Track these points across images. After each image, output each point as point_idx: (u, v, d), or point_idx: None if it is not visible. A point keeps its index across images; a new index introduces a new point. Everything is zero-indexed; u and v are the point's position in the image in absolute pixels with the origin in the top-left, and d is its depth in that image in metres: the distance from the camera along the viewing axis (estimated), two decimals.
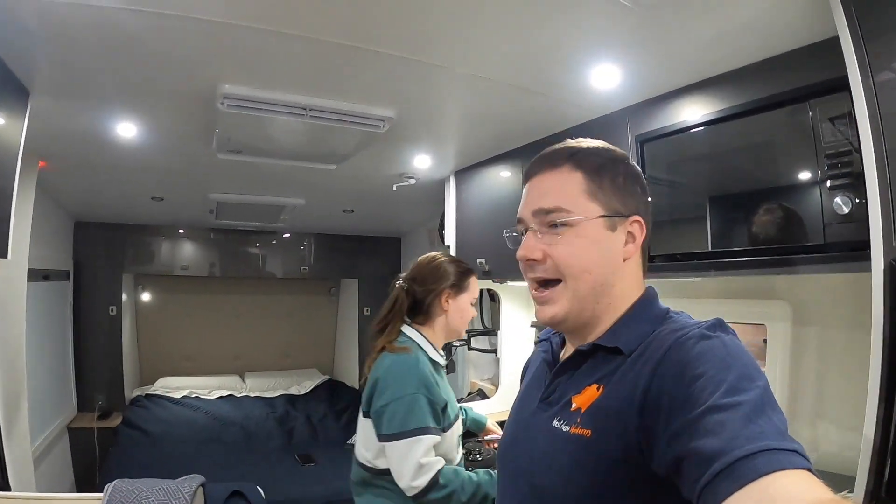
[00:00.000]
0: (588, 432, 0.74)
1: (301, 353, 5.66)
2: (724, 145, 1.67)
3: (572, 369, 0.85)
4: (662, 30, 1.46)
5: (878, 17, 1.14)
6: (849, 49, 1.17)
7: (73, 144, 2.49)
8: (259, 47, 1.59)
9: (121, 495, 1.76)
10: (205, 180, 3.27)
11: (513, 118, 2.17)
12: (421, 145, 2.65)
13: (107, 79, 1.80)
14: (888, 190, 1.09)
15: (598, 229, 0.82)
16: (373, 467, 1.59)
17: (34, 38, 1.51)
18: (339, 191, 3.62)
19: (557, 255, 0.82)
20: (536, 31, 1.50)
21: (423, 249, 4.63)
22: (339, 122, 2.05)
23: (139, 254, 4.52)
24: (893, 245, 1.07)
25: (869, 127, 1.12)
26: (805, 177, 1.42)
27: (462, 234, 3.10)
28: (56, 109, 2.02)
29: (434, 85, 1.87)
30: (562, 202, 0.82)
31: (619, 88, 1.79)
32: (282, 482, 3.00)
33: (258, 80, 1.81)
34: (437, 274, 1.73)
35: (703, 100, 1.70)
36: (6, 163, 1.75)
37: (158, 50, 1.59)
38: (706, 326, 0.71)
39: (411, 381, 1.56)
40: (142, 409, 4.11)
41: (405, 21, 1.46)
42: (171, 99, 2.00)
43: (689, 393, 0.63)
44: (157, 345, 5.02)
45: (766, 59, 1.53)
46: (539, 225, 0.84)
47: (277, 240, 5.05)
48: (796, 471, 0.53)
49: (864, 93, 1.14)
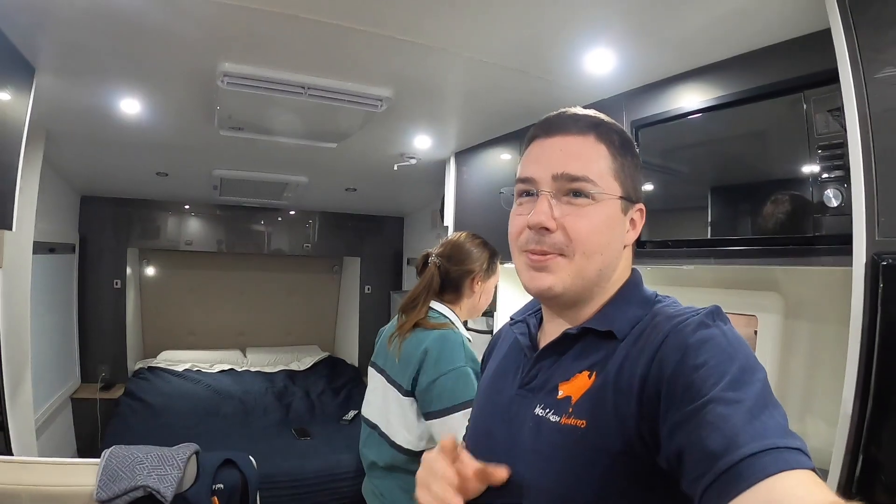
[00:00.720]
0: (583, 423, 0.70)
1: (302, 330, 5.71)
2: (719, 133, 1.68)
3: (557, 353, 0.80)
4: (655, 15, 1.46)
5: (871, 11, 1.13)
6: (840, 41, 1.17)
7: (78, 120, 2.51)
8: (258, 27, 1.59)
9: (117, 460, 1.80)
10: (208, 156, 3.29)
11: (511, 100, 2.19)
12: (420, 125, 2.67)
13: (110, 56, 1.82)
14: (873, 183, 1.09)
15: (616, 210, 0.77)
16: (413, 450, 1.56)
17: (39, 17, 1.54)
18: (341, 169, 3.65)
19: (576, 229, 0.75)
20: (532, 14, 1.50)
21: (426, 231, 4.67)
22: (337, 102, 2.06)
23: (145, 229, 4.56)
24: (876, 239, 1.08)
25: (857, 120, 1.13)
26: (798, 168, 1.42)
27: (461, 215, 3.14)
28: (61, 85, 2.05)
29: (432, 66, 1.87)
30: (590, 172, 0.75)
31: (615, 73, 1.80)
32: (278, 455, 3.05)
33: (257, 59, 1.83)
34: (472, 256, 1.76)
35: (698, 87, 1.70)
36: (12, 138, 1.79)
37: (160, 29, 1.60)
38: (705, 314, 0.68)
39: (459, 355, 1.55)
40: (144, 381, 4.17)
41: (403, 3, 1.46)
42: (172, 76, 2.01)
43: (689, 382, 0.61)
44: (160, 319, 5.08)
45: (762, 47, 1.54)
46: (558, 191, 0.76)
47: (283, 217, 5.08)
48: (801, 471, 0.52)
49: (853, 86, 1.14)
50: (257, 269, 5.51)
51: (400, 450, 1.58)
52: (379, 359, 1.76)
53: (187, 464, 1.86)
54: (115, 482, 1.75)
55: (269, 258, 5.39)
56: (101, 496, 1.74)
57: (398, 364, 1.63)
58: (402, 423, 1.59)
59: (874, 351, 1.03)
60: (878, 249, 1.06)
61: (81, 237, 4.17)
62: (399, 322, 1.70)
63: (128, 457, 1.82)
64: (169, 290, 5.16)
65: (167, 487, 1.76)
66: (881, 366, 1.02)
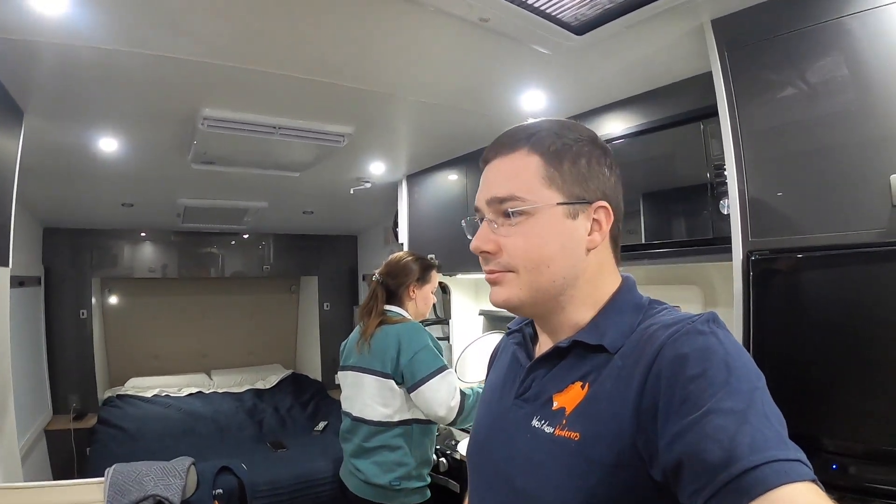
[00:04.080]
0: (577, 435, 0.69)
1: (264, 350, 5.81)
2: (638, 155, 2.00)
3: (550, 364, 0.80)
4: (576, 66, 1.79)
5: (745, 56, 1.44)
6: (719, 81, 1.49)
7: (52, 155, 2.59)
8: (235, 79, 1.82)
9: (122, 476, 1.97)
10: (175, 186, 3.43)
11: (455, 132, 2.53)
12: (376, 154, 2.96)
13: (97, 103, 1.99)
14: (745, 194, 1.41)
15: (557, 218, 0.76)
16: (390, 421, 1.95)
17: (33, 66, 1.68)
18: (300, 194, 3.87)
19: (511, 248, 0.76)
20: (472, 67, 1.82)
21: (379, 246, 4.89)
22: (304, 139, 2.32)
23: (106, 258, 4.59)
24: (749, 239, 1.40)
25: (731, 144, 1.45)
26: (700, 182, 1.75)
27: (414, 232, 3.45)
28: (45, 126, 2.16)
29: (387, 108, 2.19)
30: (516, 189, 0.76)
31: (547, 108, 2.13)
32: (257, 466, 3.19)
33: (235, 104, 2.05)
34: (405, 270, 2.14)
35: (618, 117, 2.05)
36: (5, 179, 1.90)
37: (148, 80, 1.80)
38: (700, 321, 0.67)
39: (424, 336, 2.00)
40: (115, 408, 4.21)
41: (359, 60, 1.74)
42: (154, 118, 2.19)
43: (687, 393, 0.60)
44: (125, 346, 5.10)
45: (668, 84, 1.88)
46: (494, 214, 0.78)
47: (236, 240, 5.18)
48: (802, 483, 0.52)
49: (728, 117, 1.46)
50: (216, 292, 5.59)
51: (379, 425, 1.96)
52: (349, 360, 2.12)
53: (188, 473, 2.04)
54: (123, 495, 1.91)
55: (227, 281, 5.47)
56: None
57: (370, 356, 2.01)
58: (381, 402, 1.97)
59: (751, 324, 1.34)
60: (751, 248, 1.38)
61: (46, 269, 4.19)
62: (363, 327, 2.08)
63: (132, 472, 1.99)
64: (131, 317, 5.18)
65: (174, 495, 1.94)
66: (756, 336, 1.34)
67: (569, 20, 1.48)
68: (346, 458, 2.06)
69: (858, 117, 1.23)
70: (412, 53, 1.70)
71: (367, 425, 1.97)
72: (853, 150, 1.23)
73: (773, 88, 1.38)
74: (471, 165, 2.84)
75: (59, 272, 4.29)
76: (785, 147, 1.36)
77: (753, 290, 1.35)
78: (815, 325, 1.28)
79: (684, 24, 1.53)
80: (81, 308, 4.37)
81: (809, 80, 1.32)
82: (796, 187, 1.34)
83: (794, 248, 1.31)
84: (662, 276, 2.19)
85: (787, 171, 1.36)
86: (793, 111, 1.35)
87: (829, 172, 1.27)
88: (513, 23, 1.45)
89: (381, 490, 1.92)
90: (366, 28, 1.52)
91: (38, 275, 4.05)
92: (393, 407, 1.96)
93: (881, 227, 1.17)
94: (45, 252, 4.21)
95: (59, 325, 4.24)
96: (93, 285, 4.51)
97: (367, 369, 2.01)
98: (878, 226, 1.17)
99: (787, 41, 1.35)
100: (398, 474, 1.91)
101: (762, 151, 1.40)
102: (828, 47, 1.28)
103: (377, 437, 1.96)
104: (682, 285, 2.11)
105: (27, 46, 1.53)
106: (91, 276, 4.50)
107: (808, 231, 1.29)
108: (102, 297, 4.96)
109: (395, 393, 1.96)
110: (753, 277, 1.36)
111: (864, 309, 1.20)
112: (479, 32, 1.51)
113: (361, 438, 1.98)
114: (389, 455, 1.93)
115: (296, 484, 3.19)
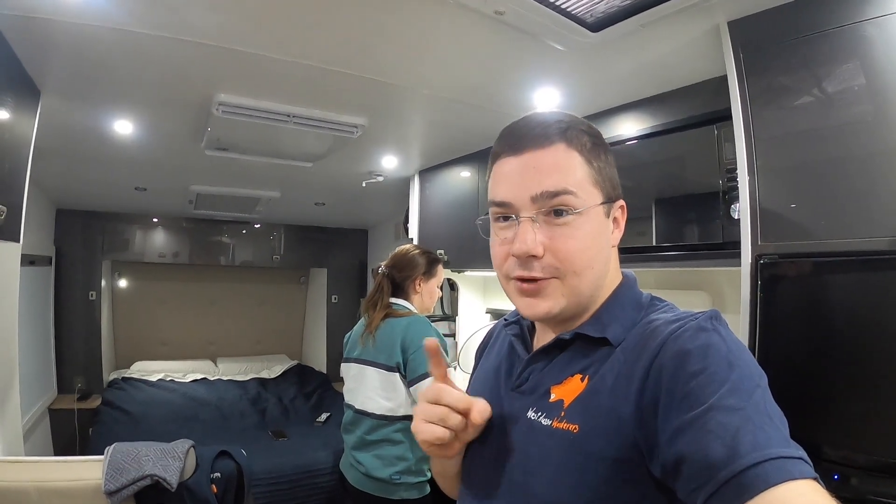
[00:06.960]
0: (575, 428, 0.68)
1: (271, 340, 5.84)
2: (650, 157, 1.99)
3: (549, 357, 0.78)
4: (590, 64, 1.77)
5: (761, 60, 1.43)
6: (734, 84, 1.47)
7: (67, 137, 2.61)
8: (251, 65, 1.82)
9: (121, 455, 1.98)
10: (188, 173, 3.45)
11: (469, 128, 2.51)
12: (389, 147, 2.95)
13: (114, 85, 2.00)
14: (756, 198, 1.39)
15: (599, 217, 0.74)
16: (393, 415, 1.93)
17: (52, 46, 1.68)
18: (313, 185, 3.88)
19: (564, 250, 0.71)
20: (486, 62, 1.80)
21: (389, 242, 4.90)
22: (318, 129, 2.31)
23: (117, 241, 4.64)
24: (759, 244, 1.38)
25: (745, 148, 1.43)
26: (712, 187, 1.74)
27: (424, 228, 3.45)
28: (61, 107, 2.18)
29: (401, 101, 2.17)
30: (570, 183, 0.71)
31: (560, 107, 2.10)
32: (258, 455, 3.20)
33: (250, 91, 2.05)
34: (411, 263, 2.13)
35: (632, 118, 2.03)
36: (20, 157, 1.92)
37: (165, 63, 1.80)
38: (703, 318, 0.66)
39: (431, 331, 2.01)
40: (120, 390, 4.25)
41: (374, 50, 1.73)
42: (170, 102, 2.20)
43: (689, 389, 0.59)
44: (133, 330, 5.15)
45: (682, 87, 1.86)
46: (539, 213, 0.72)
47: (247, 230, 5.21)
48: (803, 481, 0.51)
49: (742, 121, 1.44)
50: (225, 280, 5.62)
51: (380, 418, 1.95)
52: (352, 353, 2.11)
53: (187, 456, 2.05)
54: (121, 474, 1.93)
55: (236, 270, 5.51)
56: (108, 487, 1.91)
57: (375, 349, 2.00)
58: (384, 395, 1.95)
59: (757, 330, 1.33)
60: (760, 251, 1.36)
61: (57, 249, 4.24)
62: (368, 319, 2.07)
63: (131, 451, 2.00)
64: (140, 301, 5.23)
65: (172, 476, 1.95)
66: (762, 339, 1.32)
67: (584, 16, 1.46)
68: (348, 450, 2.06)
69: (874, 128, 1.20)
70: (427, 45, 1.70)
71: (370, 418, 1.97)
72: (867, 161, 1.21)
73: (788, 94, 1.36)
74: (483, 162, 2.82)
75: (70, 253, 4.34)
76: (798, 154, 1.34)
77: (761, 294, 1.34)
78: (822, 332, 1.26)
79: (700, 25, 1.51)
80: (91, 290, 4.43)
81: (825, 87, 1.30)
82: (808, 194, 1.31)
83: (803, 253, 1.29)
84: (671, 281, 2.18)
85: (800, 178, 1.33)
86: (808, 118, 1.33)
87: (841, 182, 1.25)
88: (528, 17, 1.44)
89: (380, 483, 1.91)
90: (381, 18, 1.52)
91: (49, 255, 4.10)
92: (396, 401, 1.95)
93: (893, 235, 1.15)
94: (57, 233, 4.27)
95: (68, 305, 4.29)
96: (103, 268, 4.57)
97: (371, 362, 2.01)
98: (891, 233, 1.15)
99: (803, 45, 1.33)
100: (398, 468, 1.91)
101: (775, 157, 1.38)
102: (845, 53, 1.26)
103: (380, 430, 1.95)
104: (691, 290, 2.09)
105: (46, 25, 1.53)
106: (102, 258, 4.55)
107: (818, 236, 1.28)
108: (112, 280, 5.01)
109: (399, 386, 1.95)
110: (762, 281, 1.34)
111: (871, 317, 1.18)
112: (494, 26, 1.51)
113: (364, 431, 1.98)
114: (391, 449, 1.93)
115: (295, 474, 3.19)
